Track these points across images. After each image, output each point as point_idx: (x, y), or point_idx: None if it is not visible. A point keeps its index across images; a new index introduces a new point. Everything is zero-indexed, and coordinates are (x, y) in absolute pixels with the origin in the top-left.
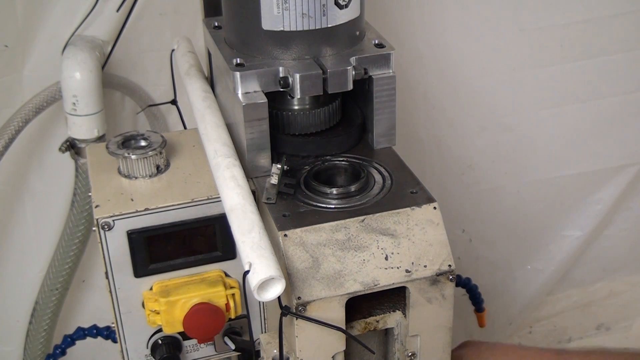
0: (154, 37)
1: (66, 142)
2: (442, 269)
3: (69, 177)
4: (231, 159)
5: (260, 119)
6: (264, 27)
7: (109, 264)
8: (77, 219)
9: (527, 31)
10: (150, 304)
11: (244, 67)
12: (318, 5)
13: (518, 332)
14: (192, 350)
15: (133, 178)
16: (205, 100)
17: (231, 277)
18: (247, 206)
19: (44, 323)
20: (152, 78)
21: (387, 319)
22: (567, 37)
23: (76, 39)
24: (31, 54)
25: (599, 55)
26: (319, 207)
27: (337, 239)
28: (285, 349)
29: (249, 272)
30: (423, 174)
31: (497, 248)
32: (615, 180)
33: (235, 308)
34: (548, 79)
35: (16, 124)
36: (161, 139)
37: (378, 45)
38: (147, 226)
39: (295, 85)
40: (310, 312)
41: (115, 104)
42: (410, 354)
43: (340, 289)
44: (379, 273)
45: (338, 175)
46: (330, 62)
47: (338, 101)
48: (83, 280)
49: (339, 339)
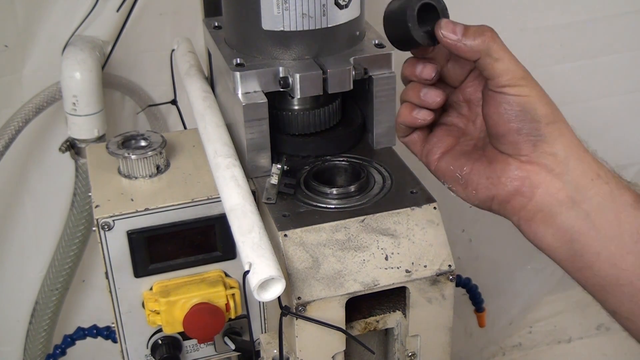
0: (154, 37)
1: (66, 142)
2: (442, 269)
3: (69, 177)
4: (231, 159)
5: (260, 119)
6: (264, 27)
7: (109, 264)
8: (77, 219)
9: (527, 31)
10: (150, 304)
11: (244, 67)
12: (318, 5)
13: (518, 332)
14: (192, 350)
15: (133, 178)
16: (205, 100)
17: (231, 277)
18: (247, 206)
19: (44, 323)
20: (152, 78)
21: (387, 319)
22: (567, 37)
23: (76, 39)
24: (31, 54)
25: (599, 55)
26: (319, 207)
27: (337, 239)
28: (285, 349)
29: (249, 272)
30: (423, 174)
31: (497, 248)
32: None
33: (235, 308)
34: (548, 79)
35: (16, 124)
36: (161, 139)
37: (378, 45)
38: (147, 226)
39: (295, 85)
40: (310, 312)
41: (115, 104)
42: (410, 354)
43: (340, 289)
44: (379, 273)
45: (338, 175)
46: (330, 62)
47: (338, 101)
48: (83, 280)
49: (339, 339)
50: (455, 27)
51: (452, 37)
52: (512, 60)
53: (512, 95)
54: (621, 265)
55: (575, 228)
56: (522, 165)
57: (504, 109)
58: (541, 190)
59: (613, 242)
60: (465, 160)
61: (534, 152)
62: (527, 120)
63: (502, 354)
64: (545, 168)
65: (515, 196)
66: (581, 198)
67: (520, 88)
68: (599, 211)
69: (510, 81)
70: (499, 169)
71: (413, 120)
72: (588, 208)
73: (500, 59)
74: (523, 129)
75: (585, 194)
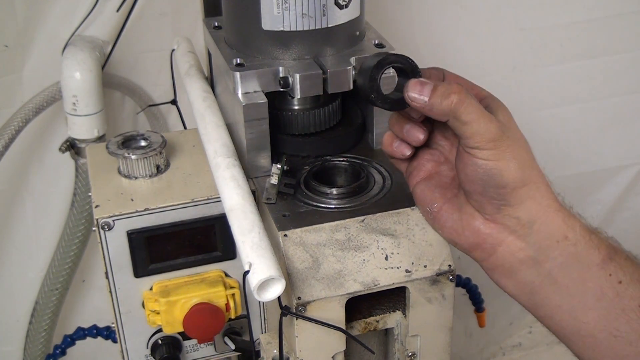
0: (154, 37)
1: (66, 142)
2: (442, 269)
3: (69, 177)
4: (231, 159)
5: (260, 119)
6: (264, 27)
7: (109, 264)
8: (77, 219)
9: (527, 31)
10: (150, 304)
11: (244, 67)
12: (318, 5)
13: (518, 332)
14: (192, 350)
15: (133, 178)
16: (205, 100)
17: (231, 277)
18: (247, 206)
19: (44, 323)
20: (152, 78)
21: (387, 319)
22: (567, 37)
23: (76, 39)
24: (31, 54)
25: (599, 56)
26: (319, 207)
27: (337, 239)
28: (285, 349)
29: (249, 272)
30: None
31: None
32: (615, 180)
33: (235, 308)
34: (548, 79)
35: (16, 124)
36: (161, 139)
37: (378, 45)
38: (147, 226)
39: (295, 85)
40: (310, 312)
41: (115, 104)
42: (410, 354)
43: (340, 289)
44: (379, 273)
45: (338, 175)
46: (330, 62)
47: (338, 101)
48: (83, 280)
49: (339, 339)
50: (422, 89)
51: (420, 100)
52: (482, 122)
53: (479, 159)
54: (582, 319)
55: (535, 283)
56: (486, 222)
57: (471, 169)
58: (502, 248)
59: (575, 298)
60: (440, 195)
61: (498, 213)
62: (492, 186)
63: (502, 354)
64: (508, 229)
65: (477, 249)
66: (543, 258)
67: (488, 152)
68: (561, 270)
69: (479, 144)
70: (464, 219)
71: (392, 152)
72: (550, 267)
73: (468, 122)
74: (487, 192)
75: (549, 255)
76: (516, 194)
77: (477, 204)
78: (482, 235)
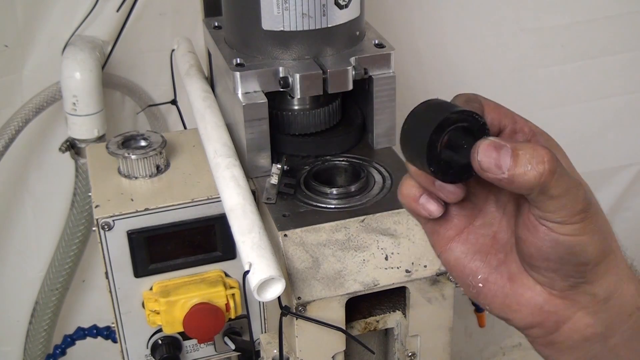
0: (154, 37)
1: (66, 142)
2: (442, 269)
3: (69, 177)
4: (231, 159)
5: (260, 119)
6: (264, 27)
7: (109, 264)
8: (77, 219)
9: (527, 31)
10: (150, 304)
11: (244, 67)
12: (318, 5)
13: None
14: (192, 350)
15: (133, 178)
16: (205, 100)
17: (231, 277)
18: (247, 206)
19: (44, 323)
20: (152, 78)
21: (387, 319)
22: (567, 37)
23: (76, 39)
24: (31, 54)
25: (599, 56)
26: (319, 207)
27: (337, 239)
28: (285, 349)
29: (249, 272)
30: None
31: None
32: (615, 180)
33: (235, 308)
34: (548, 79)
35: (16, 124)
36: (161, 139)
37: (378, 45)
38: (147, 226)
39: (295, 85)
40: (310, 312)
41: (115, 104)
42: (410, 354)
43: (340, 289)
44: (379, 273)
45: (338, 175)
46: (330, 62)
47: (338, 101)
48: (83, 280)
49: (339, 339)
50: (499, 156)
51: (496, 172)
52: (572, 192)
53: (561, 235)
54: None
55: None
56: (551, 298)
57: (548, 245)
58: (568, 325)
59: None
60: (482, 263)
61: (571, 290)
62: (571, 264)
63: (502, 354)
64: (578, 304)
65: (535, 327)
66: (611, 333)
67: (572, 227)
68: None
69: (564, 219)
70: (520, 294)
71: (417, 210)
72: (615, 342)
73: (557, 196)
74: (563, 269)
75: (618, 330)
76: (597, 269)
77: (544, 279)
78: (544, 314)
